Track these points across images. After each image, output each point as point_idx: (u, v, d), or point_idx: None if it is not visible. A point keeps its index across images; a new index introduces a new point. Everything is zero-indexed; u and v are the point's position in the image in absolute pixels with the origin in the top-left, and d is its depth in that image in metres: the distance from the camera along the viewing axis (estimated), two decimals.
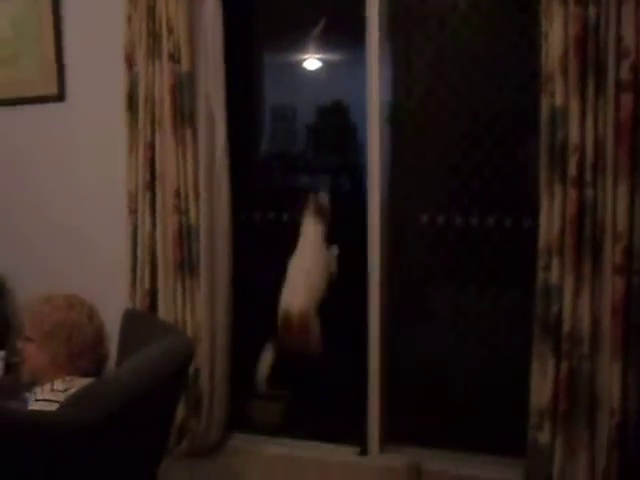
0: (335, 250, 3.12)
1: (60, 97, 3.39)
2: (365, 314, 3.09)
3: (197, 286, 3.08)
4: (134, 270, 3.13)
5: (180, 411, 3.06)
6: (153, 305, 3.11)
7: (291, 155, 3.72)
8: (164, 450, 2.37)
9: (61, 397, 1.98)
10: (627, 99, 2.42)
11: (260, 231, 3.46)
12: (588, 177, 2.49)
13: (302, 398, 3.39)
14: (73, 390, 2.00)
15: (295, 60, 3.49)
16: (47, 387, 2.10)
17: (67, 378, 2.12)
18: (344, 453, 3.19)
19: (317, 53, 3.44)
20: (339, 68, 3.46)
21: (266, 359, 3.14)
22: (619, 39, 2.42)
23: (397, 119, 3.11)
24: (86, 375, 2.17)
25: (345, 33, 3.29)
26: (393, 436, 3.20)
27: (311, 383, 3.32)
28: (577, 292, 2.54)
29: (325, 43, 3.38)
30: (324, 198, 3.09)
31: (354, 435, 3.19)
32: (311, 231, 3.08)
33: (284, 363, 3.13)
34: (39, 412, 1.94)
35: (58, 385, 2.08)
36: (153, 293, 3.11)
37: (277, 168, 3.71)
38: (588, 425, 2.58)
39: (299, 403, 3.43)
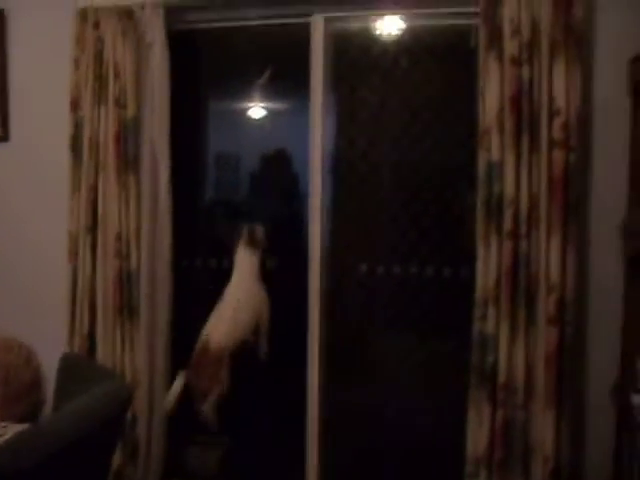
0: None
1: (4, 137, 3.36)
2: (304, 363, 3.10)
3: (137, 331, 3.05)
4: (73, 314, 3.10)
5: (117, 458, 3.00)
6: (92, 349, 3.07)
7: (234, 203, 3.73)
8: None
9: None
10: (559, 155, 2.54)
11: (201, 277, 3.45)
12: (523, 229, 2.58)
13: (240, 445, 3.36)
14: (8, 436, 1.95)
15: (240, 108, 3.53)
16: None
17: (2, 424, 2.06)
18: None
19: (262, 101, 3.48)
20: (283, 117, 3.50)
21: (176, 386, 3.02)
22: (551, 98, 2.54)
23: (339, 169, 3.17)
24: (21, 420, 2.11)
25: (290, 82, 3.35)
26: None
27: (249, 430, 3.30)
28: (512, 341, 2.61)
29: (270, 92, 3.43)
30: (258, 229, 3.07)
31: None
32: (245, 262, 3.03)
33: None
34: None
35: None
36: (92, 337, 3.08)
37: (220, 215, 3.71)
38: (523, 472, 2.63)
39: (237, 450, 3.40)
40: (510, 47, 2.55)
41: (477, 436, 2.69)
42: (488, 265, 2.63)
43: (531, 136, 2.57)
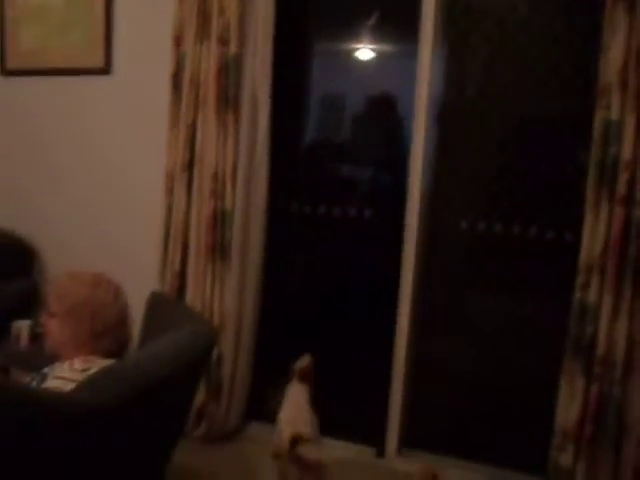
0: None
1: (106, 70, 3.37)
2: (395, 315, 3.05)
3: (228, 271, 3.05)
4: (165, 251, 3.12)
5: (200, 395, 3.04)
6: (182, 288, 3.10)
7: (336, 145, 3.66)
8: (180, 435, 2.34)
9: (79, 377, 1.95)
10: None
11: (296, 222, 3.41)
12: (638, 196, 2.40)
13: (323, 393, 3.35)
14: (92, 370, 1.97)
15: (346, 49, 3.43)
16: (66, 365, 2.07)
17: (87, 357, 2.08)
18: (361, 453, 3.15)
19: (370, 43, 3.37)
20: (391, 59, 3.38)
21: None
22: None
23: (445, 118, 3.04)
24: (107, 356, 2.14)
25: (399, 25, 3.21)
26: (412, 440, 3.16)
27: (334, 380, 3.28)
28: (614, 313, 2.47)
29: (378, 34, 3.30)
30: (307, 364, 2.85)
31: (372, 436, 3.15)
32: (296, 396, 2.81)
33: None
34: (54, 392, 1.91)
35: (77, 364, 2.05)
36: (183, 276, 3.10)
37: (321, 158, 3.65)
38: (614, 452, 2.50)
39: (319, 398, 3.39)
40: None
41: (568, 409, 2.58)
42: (596, 231, 2.47)
43: None
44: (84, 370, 2.01)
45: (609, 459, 2.51)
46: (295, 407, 2.79)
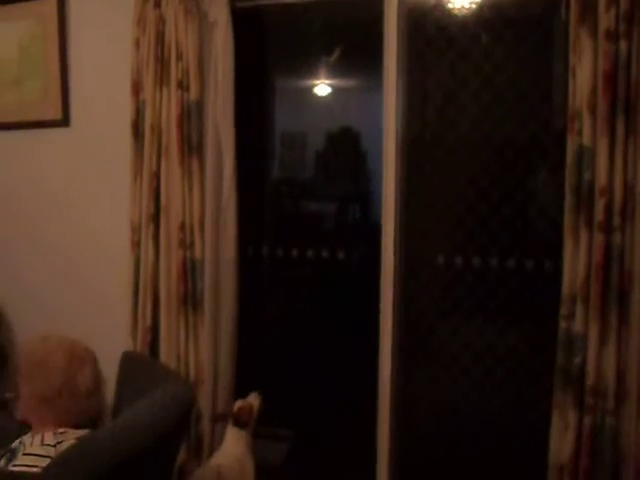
0: None
1: (65, 122, 3.28)
2: (376, 355, 2.96)
3: (201, 323, 2.95)
4: (136, 306, 3.00)
5: (180, 453, 2.92)
6: (155, 342, 2.98)
7: (300, 183, 3.61)
8: None
9: (51, 452, 1.86)
10: None
11: (268, 265, 3.33)
12: (616, 221, 2.35)
13: (307, 439, 3.26)
14: (65, 444, 1.88)
15: (306, 86, 3.40)
16: (37, 440, 1.96)
17: (59, 430, 1.97)
18: None
19: (329, 79, 3.34)
20: (351, 94, 3.38)
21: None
22: None
23: (412, 153, 2.98)
24: (81, 426, 2.03)
25: (359, 60, 3.22)
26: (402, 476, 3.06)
27: (317, 425, 3.20)
28: (602, 342, 2.40)
29: (339, 69, 3.29)
30: (248, 403, 2.73)
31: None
32: (233, 440, 2.70)
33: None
34: (22, 474, 1.80)
35: (49, 438, 1.94)
36: (155, 330, 2.98)
37: (286, 195, 3.60)
38: None
39: (303, 444, 3.30)
40: (605, 20, 2.31)
41: (561, 442, 2.50)
42: (577, 260, 2.41)
43: (627, 118, 2.32)
44: (56, 445, 1.91)
45: None
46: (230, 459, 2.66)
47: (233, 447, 2.68)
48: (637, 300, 2.37)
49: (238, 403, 2.71)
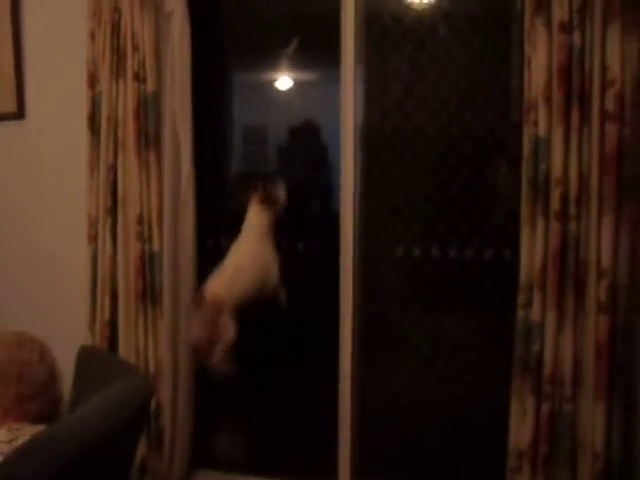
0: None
1: (20, 115, 3.23)
2: (337, 347, 2.97)
3: (160, 316, 2.93)
4: (94, 300, 2.97)
5: (141, 448, 2.90)
6: (113, 337, 2.95)
7: (262, 176, 3.59)
8: None
9: (5, 449, 1.82)
10: (612, 129, 2.32)
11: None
12: (572, 210, 2.38)
13: (270, 431, 3.26)
14: (20, 440, 1.84)
15: (266, 79, 3.37)
16: None
17: (15, 426, 1.94)
18: None
19: (289, 72, 3.32)
20: (311, 87, 3.35)
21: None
22: (604, 68, 2.32)
23: (371, 144, 3.00)
24: (37, 420, 2.00)
25: (318, 52, 3.19)
26: (364, 471, 3.06)
27: (279, 415, 3.20)
28: (559, 330, 2.43)
29: (298, 62, 3.26)
30: (275, 186, 2.78)
31: (323, 470, 3.05)
32: (254, 220, 2.77)
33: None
34: None
35: (3, 435, 1.90)
36: (114, 324, 2.95)
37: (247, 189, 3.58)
38: (570, 470, 2.45)
39: (266, 437, 3.29)
40: (559, 12, 2.33)
41: (520, 429, 2.53)
42: (534, 248, 2.44)
43: (581, 109, 2.35)
44: (11, 441, 1.87)
45: (566, 477, 2.46)
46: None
47: (255, 230, 2.65)
48: (593, 288, 2.39)
49: (263, 185, 2.65)
